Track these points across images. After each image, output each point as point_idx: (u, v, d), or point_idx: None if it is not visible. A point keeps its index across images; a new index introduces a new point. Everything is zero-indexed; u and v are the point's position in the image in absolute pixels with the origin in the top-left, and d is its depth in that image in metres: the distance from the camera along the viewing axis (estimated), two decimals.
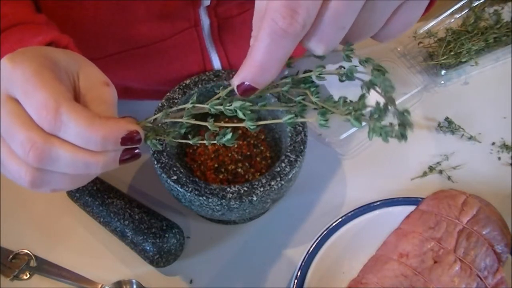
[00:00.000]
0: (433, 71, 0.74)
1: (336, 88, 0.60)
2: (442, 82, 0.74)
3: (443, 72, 0.73)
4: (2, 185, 0.62)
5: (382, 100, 0.35)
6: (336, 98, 0.36)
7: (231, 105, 0.36)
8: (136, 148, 0.36)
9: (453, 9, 0.77)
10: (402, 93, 0.69)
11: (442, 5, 0.78)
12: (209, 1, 0.56)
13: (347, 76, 0.36)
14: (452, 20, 0.77)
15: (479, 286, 0.51)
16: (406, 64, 0.74)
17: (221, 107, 0.37)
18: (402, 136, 0.33)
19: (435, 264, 0.52)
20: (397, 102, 0.34)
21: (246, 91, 0.35)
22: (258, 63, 0.33)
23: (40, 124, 0.34)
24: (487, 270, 0.53)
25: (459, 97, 0.73)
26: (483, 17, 0.76)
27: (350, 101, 0.35)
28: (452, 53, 0.72)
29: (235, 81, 0.35)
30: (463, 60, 0.73)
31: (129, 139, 0.35)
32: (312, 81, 0.37)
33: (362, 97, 0.34)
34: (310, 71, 0.36)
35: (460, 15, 0.77)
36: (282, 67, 0.34)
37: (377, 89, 0.35)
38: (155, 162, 0.52)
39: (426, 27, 0.76)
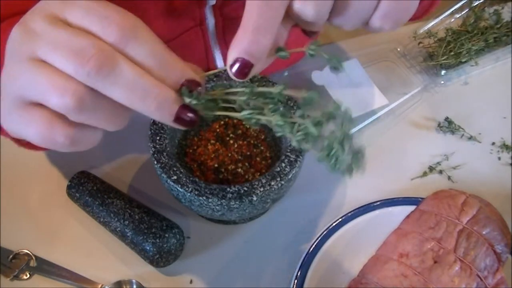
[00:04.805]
0: (433, 71, 0.74)
1: (336, 89, 0.60)
2: (442, 82, 0.74)
3: (443, 72, 0.73)
4: (2, 185, 0.62)
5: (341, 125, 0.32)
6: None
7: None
8: (193, 113, 0.34)
9: (453, 9, 0.77)
10: (402, 93, 0.69)
11: (442, 5, 0.78)
12: (215, 0, 0.56)
13: (306, 101, 0.33)
14: (452, 20, 0.77)
15: (479, 286, 0.51)
16: (406, 64, 0.74)
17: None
18: (349, 171, 0.31)
19: (435, 264, 0.52)
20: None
21: (242, 68, 0.33)
22: (251, 28, 0.32)
23: (108, 33, 0.30)
24: (487, 270, 0.53)
25: (459, 97, 0.73)
26: (483, 17, 0.76)
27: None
28: (452, 53, 0.72)
29: (229, 60, 0.33)
30: (463, 60, 0.73)
31: (191, 82, 0.34)
32: (273, 97, 0.34)
33: (318, 124, 0.32)
34: (274, 84, 0.34)
35: (460, 15, 0.77)
36: (274, 40, 0.33)
37: (336, 121, 0.33)
38: (155, 162, 0.52)
39: (426, 27, 0.76)
